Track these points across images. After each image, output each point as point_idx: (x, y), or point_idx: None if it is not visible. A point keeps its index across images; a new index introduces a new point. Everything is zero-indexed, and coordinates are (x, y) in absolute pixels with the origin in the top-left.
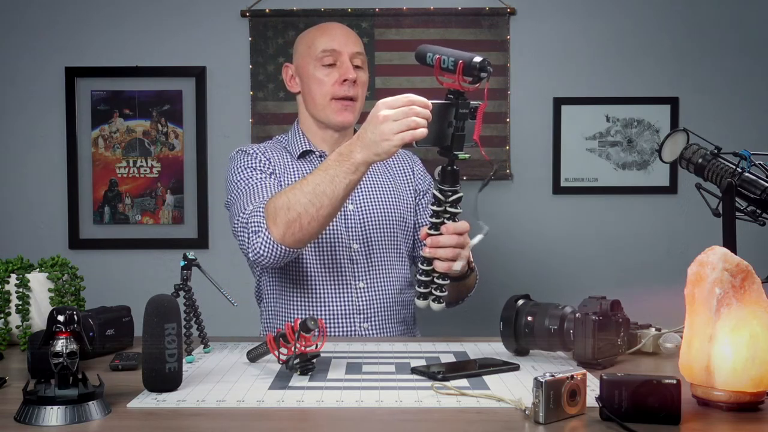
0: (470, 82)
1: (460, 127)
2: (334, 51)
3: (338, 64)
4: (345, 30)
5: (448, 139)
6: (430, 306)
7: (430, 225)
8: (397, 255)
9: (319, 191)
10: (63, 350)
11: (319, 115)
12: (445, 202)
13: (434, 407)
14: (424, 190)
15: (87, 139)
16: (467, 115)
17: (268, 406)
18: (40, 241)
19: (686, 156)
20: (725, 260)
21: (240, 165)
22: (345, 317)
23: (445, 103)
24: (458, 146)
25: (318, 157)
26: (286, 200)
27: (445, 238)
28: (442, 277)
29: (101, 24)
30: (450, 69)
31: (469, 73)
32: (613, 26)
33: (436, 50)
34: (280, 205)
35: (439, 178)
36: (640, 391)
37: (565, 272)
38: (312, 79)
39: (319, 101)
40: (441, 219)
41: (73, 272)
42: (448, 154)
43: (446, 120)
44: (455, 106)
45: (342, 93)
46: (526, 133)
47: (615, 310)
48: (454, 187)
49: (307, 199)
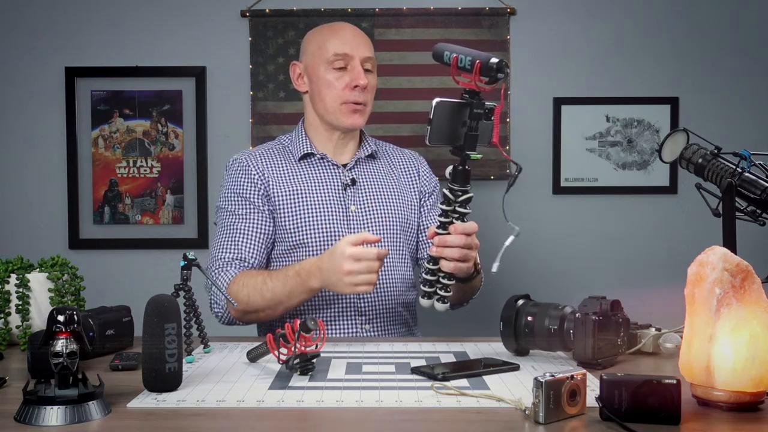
0: (486, 82)
1: (474, 127)
2: (346, 55)
3: (349, 69)
4: (357, 32)
5: (461, 138)
6: (434, 306)
7: (439, 224)
8: (400, 256)
9: (276, 299)
10: (63, 350)
11: (329, 117)
12: (454, 201)
13: (434, 407)
14: (430, 192)
15: (87, 139)
16: (482, 115)
17: (268, 406)
18: (40, 241)
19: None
20: (725, 260)
21: (232, 185)
22: (346, 318)
23: (460, 103)
24: (471, 146)
25: (319, 160)
26: (246, 298)
27: (452, 237)
28: (448, 277)
29: (101, 24)
30: (467, 68)
31: (486, 74)
32: (613, 26)
33: (453, 49)
34: (239, 298)
35: (450, 178)
36: (640, 391)
37: (565, 272)
38: (322, 81)
39: (329, 104)
40: (450, 218)
41: (73, 272)
42: (460, 154)
43: (460, 119)
44: (470, 105)
45: (353, 98)
46: (526, 133)
47: (615, 310)
48: (464, 187)
49: (265, 303)
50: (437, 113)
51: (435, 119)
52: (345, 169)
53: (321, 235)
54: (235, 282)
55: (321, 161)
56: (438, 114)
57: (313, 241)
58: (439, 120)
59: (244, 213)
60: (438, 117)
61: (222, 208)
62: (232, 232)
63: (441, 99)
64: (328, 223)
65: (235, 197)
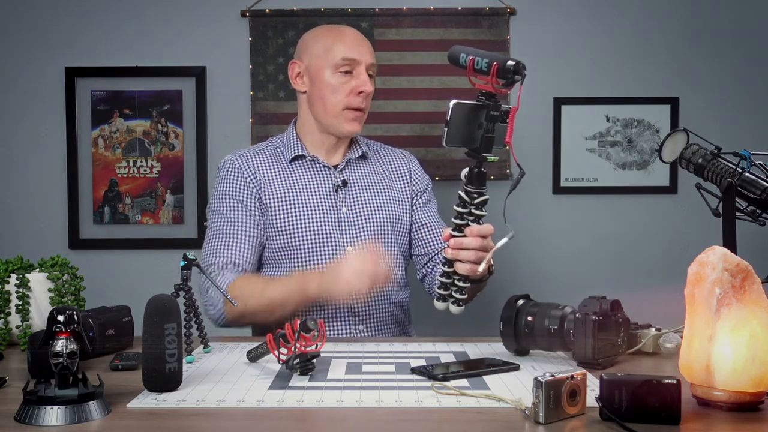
0: (503, 84)
1: (491, 129)
2: (354, 60)
3: (355, 74)
4: (362, 37)
5: (478, 140)
6: (450, 308)
7: (454, 226)
8: (392, 256)
9: (273, 305)
10: (63, 350)
11: (328, 120)
12: (470, 204)
13: (434, 407)
14: (422, 190)
15: (87, 139)
16: (498, 117)
17: (268, 406)
18: (40, 241)
19: (686, 156)
20: (725, 260)
21: (224, 187)
22: (340, 319)
23: (477, 105)
24: (487, 148)
25: (310, 162)
26: (243, 300)
27: (468, 240)
28: (463, 280)
29: (101, 24)
30: (483, 71)
31: (503, 76)
32: (613, 26)
33: (469, 51)
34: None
35: (466, 180)
36: (640, 391)
37: (565, 272)
38: (326, 84)
39: (330, 108)
40: (465, 221)
41: (73, 272)
42: (477, 156)
43: (476, 121)
44: (487, 108)
45: (356, 104)
46: (526, 133)
47: (615, 310)
48: (480, 189)
49: (261, 307)
50: (454, 115)
51: (452, 121)
52: (336, 170)
53: (312, 237)
54: (233, 286)
55: (312, 163)
56: (455, 115)
57: (304, 243)
58: (456, 121)
59: (236, 216)
60: (455, 118)
61: (213, 210)
62: (224, 236)
63: (458, 101)
64: (319, 225)
65: (228, 199)
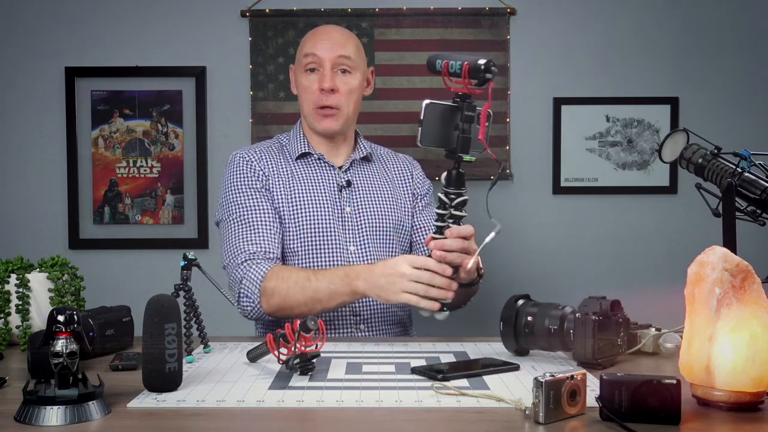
0: (476, 83)
1: (467, 130)
2: (315, 56)
3: (320, 71)
4: (332, 33)
5: (455, 141)
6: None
7: (435, 229)
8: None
9: (316, 298)
10: (63, 350)
11: (307, 120)
12: (450, 205)
13: (434, 407)
14: (423, 194)
15: (87, 139)
16: (474, 118)
17: (268, 406)
18: (40, 241)
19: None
20: (725, 260)
21: (237, 179)
22: (342, 319)
23: (451, 106)
24: (464, 149)
25: (316, 160)
26: (285, 291)
27: (449, 242)
28: None
29: (101, 24)
30: (457, 73)
31: (475, 75)
32: (613, 26)
33: (444, 56)
34: (277, 292)
35: (445, 182)
36: (640, 391)
37: (565, 272)
38: (299, 85)
39: (305, 109)
40: (446, 223)
41: (73, 272)
42: (454, 157)
43: (453, 123)
44: (461, 108)
45: (321, 102)
46: (526, 133)
47: (615, 310)
48: (459, 190)
49: (303, 300)
50: (427, 114)
51: (425, 120)
52: (340, 170)
53: (316, 236)
54: (272, 276)
55: (318, 161)
56: (428, 115)
57: (308, 241)
58: (430, 121)
59: (256, 204)
60: (428, 118)
61: (228, 202)
62: (247, 224)
63: (431, 101)
64: (323, 223)
65: (244, 188)
